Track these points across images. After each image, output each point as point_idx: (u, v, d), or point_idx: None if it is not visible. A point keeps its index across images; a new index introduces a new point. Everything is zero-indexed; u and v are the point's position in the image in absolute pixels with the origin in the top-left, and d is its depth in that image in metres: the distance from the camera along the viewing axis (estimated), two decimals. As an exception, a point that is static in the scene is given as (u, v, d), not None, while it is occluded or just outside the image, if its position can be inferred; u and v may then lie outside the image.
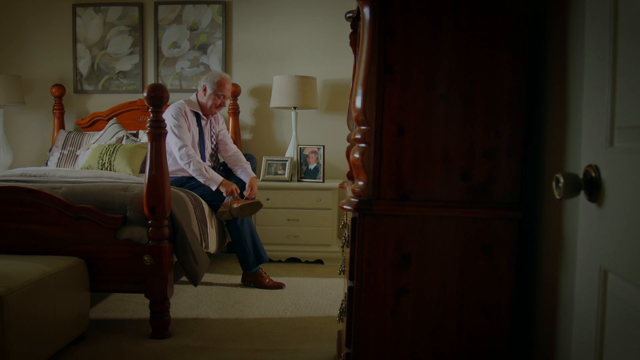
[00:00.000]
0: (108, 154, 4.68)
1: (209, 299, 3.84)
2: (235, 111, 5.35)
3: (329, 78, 5.42)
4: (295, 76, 4.97)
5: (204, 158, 4.26)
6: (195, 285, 3.42)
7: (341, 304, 2.41)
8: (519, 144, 1.85)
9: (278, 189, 4.88)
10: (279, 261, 4.94)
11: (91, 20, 5.62)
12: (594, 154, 1.23)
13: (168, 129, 4.05)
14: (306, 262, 4.95)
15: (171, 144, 4.08)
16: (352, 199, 1.91)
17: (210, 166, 4.29)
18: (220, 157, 4.48)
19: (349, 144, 2.84)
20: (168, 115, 4.11)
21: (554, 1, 1.81)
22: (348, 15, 2.76)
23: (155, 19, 5.55)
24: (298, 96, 4.94)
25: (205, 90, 4.24)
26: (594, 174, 1.19)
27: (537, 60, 1.94)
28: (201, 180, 4.07)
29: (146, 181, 3.01)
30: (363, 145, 1.88)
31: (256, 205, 4.09)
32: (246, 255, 4.13)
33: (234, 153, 4.46)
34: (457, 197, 1.87)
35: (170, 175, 3.19)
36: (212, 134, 4.40)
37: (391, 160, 1.87)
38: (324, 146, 4.95)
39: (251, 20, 5.50)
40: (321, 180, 4.90)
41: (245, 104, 5.53)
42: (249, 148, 5.52)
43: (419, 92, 1.85)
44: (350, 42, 2.92)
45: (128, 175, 4.06)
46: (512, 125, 1.84)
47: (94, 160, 4.68)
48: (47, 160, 5.24)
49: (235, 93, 5.30)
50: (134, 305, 3.64)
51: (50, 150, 5.30)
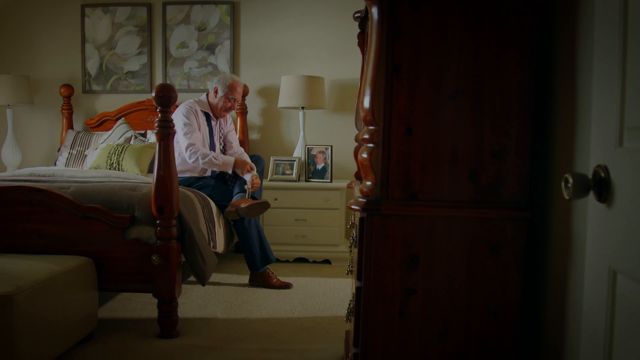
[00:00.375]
0: (116, 153, 4.70)
1: (216, 298, 3.85)
2: (243, 111, 5.36)
3: (336, 78, 5.41)
4: (303, 76, 4.97)
5: None
6: (203, 285, 3.43)
7: (349, 304, 2.41)
8: (528, 144, 1.84)
9: (286, 189, 4.88)
10: (287, 261, 4.94)
11: (100, 20, 5.64)
12: (603, 154, 1.23)
13: (178, 127, 4.07)
14: (314, 262, 4.95)
15: (181, 142, 4.08)
16: (360, 199, 1.91)
17: None
18: None
19: (356, 144, 2.83)
20: (178, 113, 4.12)
21: (563, 1, 1.80)
22: (356, 15, 2.75)
23: (164, 19, 5.57)
24: (306, 96, 4.94)
25: (216, 92, 4.25)
26: (603, 174, 1.19)
27: (546, 60, 1.94)
28: (215, 169, 4.09)
29: (154, 181, 3.01)
30: (371, 145, 1.87)
31: (264, 205, 4.09)
32: (253, 256, 4.13)
33: (240, 153, 4.46)
34: (465, 197, 1.87)
35: (178, 175, 3.19)
36: (221, 134, 4.41)
37: (399, 160, 1.87)
38: (331, 146, 4.96)
39: (259, 20, 5.50)
40: (329, 180, 4.90)
41: (253, 104, 5.53)
42: (257, 148, 5.52)
43: (427, 92, 1.85)
44: (358, 42, 2.92)
45: (136, 175, 4.07)
46: (521, 125, 1.84)
47: (102, 160, 4.69)
48: (56, 160, 5.26)
49: (244, 93, 5.29)
50: (142, 305, 3.65)
51: (58, 150, 5.32)
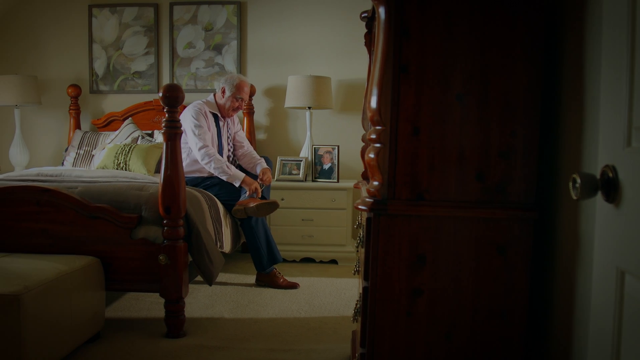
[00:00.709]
0: (123, 153, 4.71)
1: (223, 298, 3.85)
2: (250, 111, 5.36)
3: (343, 78, 5.41)
4: (309, 76, 4.98)
5: None
6: (210, 285, 3.44)
7: (356, 304, 2.41)
8: (535, 144, 1.84)
9: (292, 189, 4.89)
10: (294, 261, 4.94)
11: (107, 20, 5.65)
12: (611, 155, 1.22)
13: (188, 129, 4.08)
14: (320, 262, 4.95)
15: (191, 143, 4.09)
16: (367, 199, 1.91)
17: None
18: (236, 159, 4.48)
19: (363, 144, 2.83)
20: (188, 115, 4.13)
21: (571, 3, 1.80)
22: (363, 15, 2.75)
23: (171, 19, 5.58)
24: (313, 96, 4.94)
25: (224, 92, 4.26)
26: (611, 175, 1.18)
27: (553, 59, 1.93)
28: (224, 177, 4.09)
29: (161, 181, 3.02)
30: (378, 145, 1.87)
31: (272, 205, 4.09)
32: (260, 256, 4.13)
33: (249, 152, 4.47)
34: (472, 198, 1.86)
35: (185, 175, 3.19)
36: (229, 135, 4.42)
37: (406, 160, 1.86)
38: (338, 146, 4.95)
39: (266, 20, 5.50)
40: (336, 181, 4.90)
41: (260, 104, 5.53)
42: (264, 148, 5.53)
43: (434, 92, 1.84)
44: (365, 42, 2.92)
45: (143, 175, 4.08)
46: (528, 125, 1.83)
47: (110, 160, 4.71)
48: (63, 160, 5.28)
49: (250, 93, 5.30)
50: (149, 305, 3.66)
51: (66, 150, 5.34)
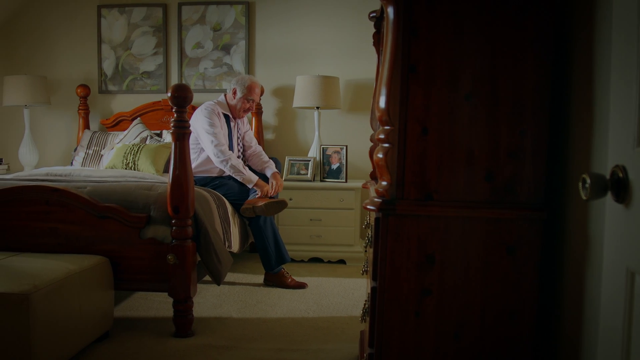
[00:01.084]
0: (132, 153, 4.72)
1: (231, 298, 3.86)
2: (258, 111, 5.37)
3: (351, 78, 5.41)
4: (318, 76, 4.97)
5: None
6: (218, 285, 3.44)
7: (364, 304, 2.41)
8: (544, 144, 1.83)
9: (301, 189, 4.89)
10: (302, 261, 4.94)
11: (116, 21, 5.67)
12: (621, 155, 1.22)
13: (200, 129, 4.10)
14: (329, 262, 4.95)
15: (205, 143, 4.10)
16: (376, 199, 1.91)
17: None
18: (245, 159, 4.49)
19: (372, 144, 2.83)
20: (200, 115, 4.15)
21: (581, 3, 1.79)
22: (372, 15, 2.75)
23: (179, 19, 5.59)
24: (321, 96, 4.94)
25: (235, 93, 4.28)
26: (621, 175, 1.18)
27: (563, 59, 1.92)
28: (238, 178, 4.11)
29: (170, 181, 3.02)
30: (387, 145, 1.87)
31: (281, 204, 4.09)
32: (268, 256, 4.13)
33: (258, 152, 4.47)
34: (481, 198, 1.86)
35: (194, 175, 3.20)
36: (239, 135, 4.42)
37: (415, 160, 1.86)
38: (346, 146, 4.95)
39: (274, 20, 5.51)
40: (344, 180, 4.90)
41: (268, 104, 5.54)
42: (272, 148, 5.53)
43: (442, 92, 1.84)
44: (373, 42, 2.91)
45: (152, 174, 4.09)
46: (537, 125, 1.82)
47: (118, 160, 4.73)
48: (72, 160, 5.30)
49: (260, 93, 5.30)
50: (158, 304, 3.67)
51: (75, 150, 5.36)
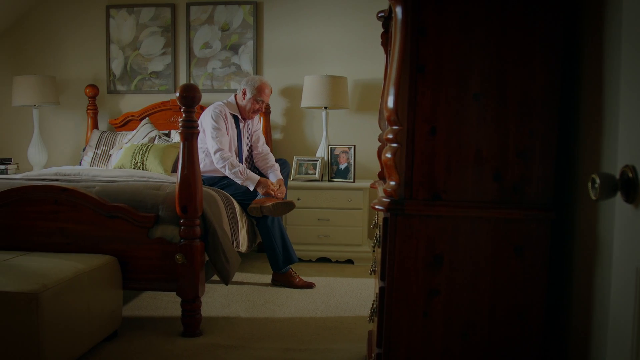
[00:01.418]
0: (141, 153, 4.74)
1: (239, 298, 3.86)
2: (266, 111, 5.38)
3: (359, 78, 5.41)
4: (326, 76, 4.97)
5: (240, 161, 4.28)
6: (227, 284, 3.45)
7: (372, 304, 2.41)
8: (553, 144, 1.82)
9: (309, 189, 4.89)
10: (310, 261, 4.95)
11: (124, 21, 5.69)
12: (631, 155, 1.21)
13: (206, 130, 4.10)
14: (337, 262, 4.94)
15: (208, 145, 4.11)
16: (384, 199, 1.90)
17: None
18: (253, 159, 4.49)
19: (380, 143, 2.83)
20: (207, 116, 4.16)
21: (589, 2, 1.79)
22: (380, 15, 2.75)
23: (187, 19, 5.60)
24: (329, 96, 4.94)
25: (244, 93, 4.28)
26: (631, 175, 1.17)
27: (572, 58, 1.91)
28: (238, 182, 4.10)
29: (178, 180, 3.03)
30: (395, 145, 1.87)
31: (289, 205, 4.10)
32: (276, 256, 4.14)
33: (264, 154, 4.47)
34: (490, 198, 1.85)
35: (202, 175, 3.20)
36: (248, 135, 4.43)
37: (423, 160, 1.86)
38: (354, 146, 4.95)
39: (282, 20, 5.51)
40: (352, 180, 4.90)
41: (276, 103, 5.54)
42: (280, 148, 5.54)
43: (451, 92, 1.83)
44: (381, 42, 2.91)
45: (160, 174, 4.10)
46: (546, 125, 1.82)
47: (127, 160, 4.74)
48: (81, 160, 5.32)
49: (268, 94, 5.31)
50: (166, 304, 3.68)
51: (84, 149, 5.39)
